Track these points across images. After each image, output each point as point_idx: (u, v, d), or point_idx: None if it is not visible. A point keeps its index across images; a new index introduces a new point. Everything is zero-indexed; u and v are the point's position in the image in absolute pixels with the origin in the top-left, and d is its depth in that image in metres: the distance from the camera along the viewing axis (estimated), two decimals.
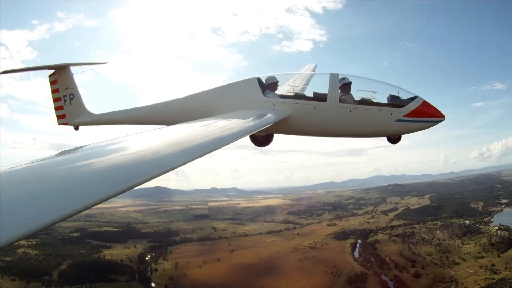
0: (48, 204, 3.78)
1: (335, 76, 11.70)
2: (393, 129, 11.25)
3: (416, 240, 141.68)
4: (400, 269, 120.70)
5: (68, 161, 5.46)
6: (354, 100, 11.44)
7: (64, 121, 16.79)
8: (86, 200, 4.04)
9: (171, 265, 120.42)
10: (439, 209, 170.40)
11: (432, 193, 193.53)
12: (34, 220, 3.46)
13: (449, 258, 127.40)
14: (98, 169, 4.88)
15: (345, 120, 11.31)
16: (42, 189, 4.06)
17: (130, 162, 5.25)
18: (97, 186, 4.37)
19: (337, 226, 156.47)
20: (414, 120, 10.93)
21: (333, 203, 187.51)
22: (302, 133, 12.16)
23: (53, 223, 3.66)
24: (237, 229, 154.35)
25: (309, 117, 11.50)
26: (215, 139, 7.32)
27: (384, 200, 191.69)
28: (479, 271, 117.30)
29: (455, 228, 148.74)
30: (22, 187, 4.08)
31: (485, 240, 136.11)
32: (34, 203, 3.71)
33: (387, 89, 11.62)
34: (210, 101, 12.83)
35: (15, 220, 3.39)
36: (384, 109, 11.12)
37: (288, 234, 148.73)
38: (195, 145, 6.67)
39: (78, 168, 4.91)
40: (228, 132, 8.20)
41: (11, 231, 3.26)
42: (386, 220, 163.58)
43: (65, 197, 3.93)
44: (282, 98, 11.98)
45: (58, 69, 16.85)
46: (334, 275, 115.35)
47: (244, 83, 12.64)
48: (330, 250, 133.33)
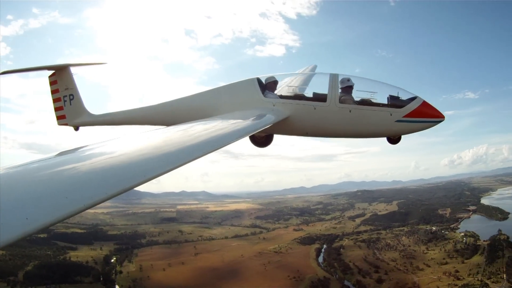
0: (48, 204, 3.77)
1: (335, 77, 11.61)
2: (393, 129, 11.16)
3: (381, 246, 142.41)
4: (363, 274, 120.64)
5: (68, 161, 5.47)
6: (354, 101, 11.30)
7: (64, 121, 16.65)
8: (86, 200, 4.03)
9: (135, 267, 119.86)
10: (406, 215, 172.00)
11: (401, 200, 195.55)
12: (34, 220, 3.46)
13: (413, 264, 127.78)
14: (98, 169, 4.87)
15: (345, 120, 11.22)
16: (42, 189, 4.06)
17: (130, 163, 5.22)
18: (97, 186, 4.34)
19: (303, 231, 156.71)
20: (414, 121, 10.84)
21: (301, 208, 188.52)
22: (301, 133, 12.04)
23: (53, 223, 3.65)
24: (203, 232, 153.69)
25: (309, 117, 11.40)
26: (215, 140, 7.32)
27: (352, 205, 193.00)
28: (442, 277, 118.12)
29: (421, 234, 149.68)
30: (22, 187, 4.08)
31: (450, 246, 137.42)
32: (34, 203, 3.70)
33: (387, 90, 11.49)
34: (210, 101, 12.74)
35: (15, 220, 3.39)
36: (384, 110, 11.01)
37: (254, 239, 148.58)
38: (195, 146, 6.66)
39: (78, 168, 4.92)
40: (228, 132, 8.16)
41: (11, 231, 3.27)
42: (353, 226, 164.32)
43: (65, 197, 3.92)
44: (282, 99, 11.85)
45: (58, 70, 16.65)
46: (296, 280, 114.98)
47: (244, 84, 12.46)
48: (295, 255, 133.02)
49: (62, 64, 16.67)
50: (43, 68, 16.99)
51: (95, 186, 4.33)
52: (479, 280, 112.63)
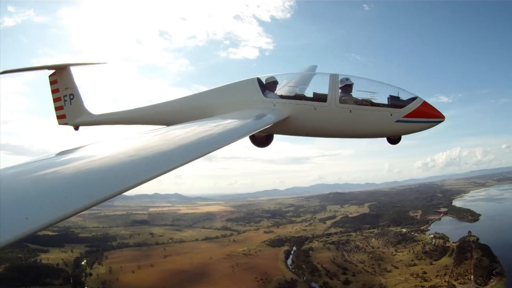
0: (48, 204, 3.76)
1: (335, 77, 11.57)
2: (393, 129, 11.11)
3: (350, 248, 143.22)
4: (330, 276, 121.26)
5: (68, 161, 5.43)
6: (354, 101, 11.25)
7: (64, 121, 16.62)
8: (86, 200, 4.03)
9: (105, 269, 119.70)
10: (377, 218, 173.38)
11: (373, 202, 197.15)
12: (34, 220, 3.47)
13: (381, 265, 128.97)
14: (98, 169, 4.82)
15: (345, 120, 11.18)
16: (42, 189, 4.03)
17: (130, 162, 5.16)
18: (97, 186, 4.32)
19: (273, 233, 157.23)
20: (414, 121, 10.82)
21: (273, 210, 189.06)
22: (302, 133, 11.96)
23: (53, 223, 3.64)
24: (174, 235, 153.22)
25: (309, 117, 11.35)
26: (215, 140, 7.34)
27: (323, 208, 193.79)
28: (409, 278, 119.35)
29: (391, 236, 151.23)
30: (22, 187, 4.07)
31: (419, 248, 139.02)
32: (34, 203, 3.70)
33: (387, 90, 11.43)
34: (210, 101, 12.66)
35: (15, 220, 3.40)
36: (384, 110, 10.97)
37: (224, 241, 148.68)
38: (195, 146, 6.64)
39: (78, 168, 4.86)
40: (228, 132, 8.20)
41: (11, 231, 3.28)
42: (323, 228, 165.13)
43: (65, 197, 3.92)
44: (282, 99, 11.80)
45: (58, 69, 16.65)
46: (264, 282, 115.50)
47: (244, 84, 12.38)
48: (263, 257, 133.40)
49: (62, 64, 16.69)
50: (43, 67, 16.98)
51: (95, 186, 4.30)
52: (446, 282, 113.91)
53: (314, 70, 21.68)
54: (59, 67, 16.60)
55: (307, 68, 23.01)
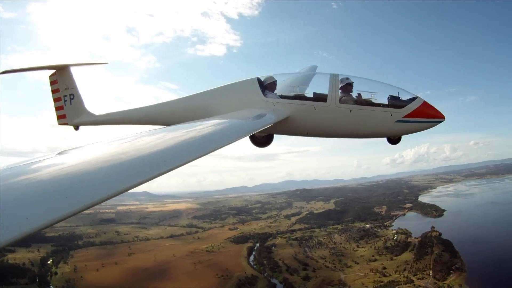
0: (48, 204, 3.78)
1: (335, 77, 11.58)
2: (393, 129, 11.12)
3: (313, 244, 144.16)
4: (291, 272, 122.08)
5: (68, 161, 5.46)
6: (354, 101, 11.25)
7: (64, 121, 16.63)
8: (86, 200, 4.05)
9: (70, 268, 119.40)
10: (342, 214, 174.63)
11: (339, 198, 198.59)
12: (34, 220, 3.49)
13: (342, 261, 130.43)
14: (98, 169, 4.81)
15: (345, 120, 11.18)
16: (42, 189, 4.07)
17: (130, 162, 5.17)
18: (97, 186, 4.35)
19: (238, 230, 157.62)
20: (414, 121, 10.83)
21: (239, 207, 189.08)
22: (302, 133, 11.95)
23: (53, 223, 3.65)
24: (140, 233, 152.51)
25: (309, 117, 11.35)
26: (215, 140, 7.33)
27: (290, 204, 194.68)
28: (369, 273, 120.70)
29: (353, 232, 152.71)
30: (22, 187, 4.10)
31: (381, 243, 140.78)
32: (34, 203, 3.72)
33: (387, 90, 11.44)
34: (210, 101, 12.64)
35: (15, 220, 3.42)
36: (384, 110, 10.98)
37: (189, 238, 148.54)
38: (195, 146, 6.68)
39: (78, 168, 4.85)
40: (228, 132, 8.25)
41: (11, 231, 3.30)
42: (288, 224, 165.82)
43: (65, 197, 3.94)
44: (282, 99, 11.78)
45: (58, 69, 16.66)
46: (225, 278, 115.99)
47: (244, 84, 12.36)
48: (226, 253, 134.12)
49: (63, 64, 16.68)
50: (43, 67, 16.98)
51: (95, 185, 4.33)
52: (405, 277, 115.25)
53: (314, 70, 21.79)
54: (59, 67, 16.66)
55: (307, 68, 23.16)
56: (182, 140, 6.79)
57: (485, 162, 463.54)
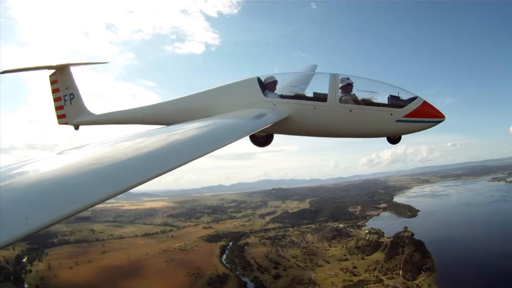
0: (48, 204, 3.78)
1: (335, 76, 11.54)
2: (393, 129, 11.09)
3: (285, 243, 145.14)
4: (262, 270, 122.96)
5: (68, 161, 5.39)
6: (354, 100, 11.20)
7: (64, 121, 16.64)
8: (86, 200, 4.04)
9: (44, 266, 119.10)
10: (316, 213, 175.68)
11: (314, 198, 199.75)
12: (34, 220, 3.48)
13: (313, 260, 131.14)
14: (98, 169, 4.81)
15: (345, 120, 11.15)
16: (42, 189, 4.03)
17: (130, 162, 5.16)
18: (97, 186, 4.34)
19: (212, 229, 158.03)
20: (414, 121, 10.81)
21: (215, 206, 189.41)
22: (302, 133, 11.91)
23: (53, 223, 3.66)
24: (114, 231, 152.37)
25: (309, 117, 11.32)
26: (215, 139, 7.30)
27: (265, 203, 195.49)
28: (339, 273, 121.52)
29: (326, 232, 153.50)
30: (22, 187, 4.08)
31: (353, 243, 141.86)
32: (34, 203, 3.71)
33: (387, 89, 11.41)
34: (210, 101, 12.59)
35: (15, 220, 3.41)
36: (384, 110, 10.95)
37: (163, 237, 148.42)
38: (195, 145, 6.63)
39: (78, 168, 4.84)
40: (228, 132, 8.23)
41: (11, 231, 3.29)
42: (262, 223, 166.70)
43: (65, 197, 3.93)
44: (282, 98, 11.74)
45: (58, 69, 16.66)
46: (196, 276, 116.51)
47: (244, 83, 12.32)
48: (199, 252, 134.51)
49: (63, 64, 16.70)
50: (43, 67, 16.88)
51: (95, 185, 4.34)
52: (375, 276, 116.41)
53: (314, 70, 21.85)
54: (59, 67, 16.67)
55: (307, 67, 23.31)
56: (182, 140, 6.89)
57: (462, 164, 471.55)
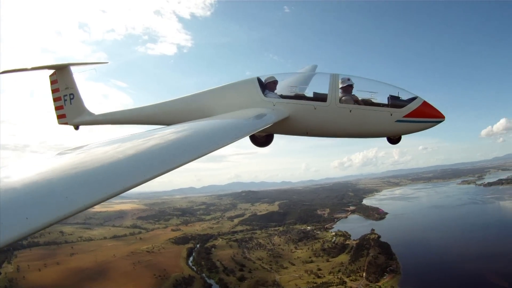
0: (48, 204, 3.78)
1: (335, 77, 11.53)
2: (393, 129, 11.09)
3: (252, 245, 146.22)
4: (227, 272, 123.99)
5: (68, 161, 5.49)
6: (354, 101, 11.21)
7: (64, 120, 16.68)
8: (86, 200, 4.04)
9: (13, 268, 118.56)
10: (284, 216, 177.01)
11: (284, 200, 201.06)
12: (34, 220, 3.49)
13: (278, 262, 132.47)
14: (98, 169, 4.81)
15: (345, 120, 11.15)
16: (42, 189, 4.04)
17: (130, 162, 5.20)
18: (97, 186, 4.37)
19: (180, 231, 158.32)
20: (414, 121, 10.80)
21: (184, 208, 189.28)
22: (302, 133, 11.88)
23: (53, 223, 3.64)
24: (84, 233, 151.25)
25: (309, 117, 11.31)
26: (215, 140, 7.31)
27: (234, 206, 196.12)
28: (303, 275, 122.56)
29: (293, 234, 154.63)
30: (22, 187, 4.05)
31: (319, 245, 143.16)
32: (34, 203, 3.72)
33: (387, 90, 11.39)
34: (210, 101, 12.59)
35: (15, 220, 3.42)
36: (384, 110, 10.95)
37: (131, 239, 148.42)
38: (195, 146, 6.67)
39: (78, 168, 4.87)
40: (228, 132, 8.23)
41: (11, 231, 3.30)
42: (230, 226, 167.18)
43: (65, 197, 3.94)
44: (282, 98, 11.75)
45: (58, 69, 16.71)
46: (162, 279, 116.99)
47: (244, 83, 12.35)
48: (166, 254, 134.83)
49: (63, 64, 16.77)
50: (43, 67, 16.96)
51: (95, 186, 4.39)
52: (339, 278, 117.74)
53: (314, 70, 21.91)
54: (59, 67, 16.72)
55: (307, 68, 23.27)
56: (182, 140, 6.86)
57: (433, 167, 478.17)
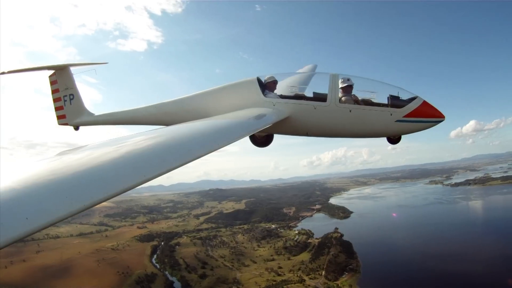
0: (48, 204, 3.82)
1: (335, 76, 11.54)
2: (393, 129, 11.07)
3: (216, 243, 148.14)
4: (189, 270, 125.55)
5: (68, 161, 5.41)
6: (354, 101, 11.23)
7: (64, 121, 16.68)
8: (86, 200, 4.10)
9: None
10: (250, 214, 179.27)
11: (250, 198, 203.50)
12: (34, 220, 3.52)
13: (240, 260, 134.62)
14: (98, 169, 4.79)
15: (345, 120, 11.13)
16: (42, 189, 4.06)
17: (130, 163, 5.19)
18: (97, 186, 4.40)
19: (146, 229, 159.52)
20: (414, 121, 10.80)
21: (151, 206, 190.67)
22: (302, 133, 11.85)
23: (53, 223, 3.69)
24: (50, 230, 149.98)
25: (309, 117, 11.32)
26: (215, 140, 7.24)
27: (201, 204, 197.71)
28: (264, 273, 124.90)
29: (257, 232, 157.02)
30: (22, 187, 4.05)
31: (281, 244, 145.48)
32: (34, 203, 3.75)
33: (387, 89, 11.35)
34: (210, 101, 12.63)
35: (15, 220, 3.44)
36: (384, 110, 10.93)
37: (97, 236, 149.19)
38: (194, 146, 6.66)
39: (78, 168, 4.79)
40: (228, 132, 8.15)
41: (11, 231, 3.33)
42: (196, 224, 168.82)
43: (65, 197, 3.98)
44: (282, 98, 11.75)
45: (58, 70, 16.81)
46: (125, 276, 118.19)
47: (244, 83, 12.32)
48: (131, 252, 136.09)
49: (62, 64, 16.82)
50: (43, 68, 17.04)
51: (95, 186, 4.39)
52: (298, 276, 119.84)
53: (314, 70, 22.03)
54: (59, 67, 16.75)
55: (307, 67, 23.43)
56: (182, 140, 6.84)
57: (402, 167, 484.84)
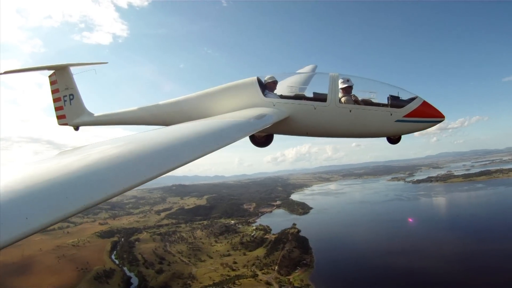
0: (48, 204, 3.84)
1: (335, 77, 11.62)
2: (393, 129, 11.16)
3: (175, 239, 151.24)
4: (147, 265, 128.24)
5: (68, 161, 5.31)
6: (354, 101, 11.32)
7: (64, 121, 16.74)
8: (86, 200, 4.14)
9: None
10: (211, 210, 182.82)
11: (212, 194, 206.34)
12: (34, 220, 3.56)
13: (197, 255, 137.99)
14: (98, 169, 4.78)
15: (345, 120, 11.20)
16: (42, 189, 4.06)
17: (130, 163, 5.18)
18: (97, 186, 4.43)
19: (107, 225, 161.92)
20: (414, 121, 10.88)
21: (113, 202, 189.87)
22: (302, 133, 11.94)
23: (53, 223, 3.74)
24: None
25: (308, 117, 11.41)
26: (215, 140, 7.27)
27: (163, 200, 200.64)
28: (219, 268, 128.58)
29: (215, 228, 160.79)
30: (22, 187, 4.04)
31: (238, 239, 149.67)
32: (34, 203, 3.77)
33: (387, 90, 11.48)
34: (210, 101, 12.69)
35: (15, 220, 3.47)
36: (384, 110, 11.02)
37: (59, 233, 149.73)
38: (194, 145, 6.69)
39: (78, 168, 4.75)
40: (228, 132, 8.19)
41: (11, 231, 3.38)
42: (156, 220, 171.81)
43: (65, 197, 4.00)
44: (282, 99, 11.84)
45: (58, 70, 16.84)
46: (84, 271, 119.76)
47: (244, 84, 12.38)
48: (91, 248, 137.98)
49: (62, 64, 16.74)
50: (43, 68, 17.00)
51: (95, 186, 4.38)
52: (252, 271, 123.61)
53: (314, 70, 22.30)
54: (58, 67, 16.69)
55: (307, 68, 23.62)
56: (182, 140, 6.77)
57: (366, 163, 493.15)
